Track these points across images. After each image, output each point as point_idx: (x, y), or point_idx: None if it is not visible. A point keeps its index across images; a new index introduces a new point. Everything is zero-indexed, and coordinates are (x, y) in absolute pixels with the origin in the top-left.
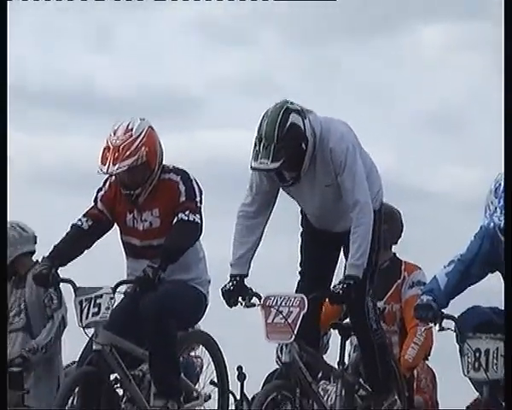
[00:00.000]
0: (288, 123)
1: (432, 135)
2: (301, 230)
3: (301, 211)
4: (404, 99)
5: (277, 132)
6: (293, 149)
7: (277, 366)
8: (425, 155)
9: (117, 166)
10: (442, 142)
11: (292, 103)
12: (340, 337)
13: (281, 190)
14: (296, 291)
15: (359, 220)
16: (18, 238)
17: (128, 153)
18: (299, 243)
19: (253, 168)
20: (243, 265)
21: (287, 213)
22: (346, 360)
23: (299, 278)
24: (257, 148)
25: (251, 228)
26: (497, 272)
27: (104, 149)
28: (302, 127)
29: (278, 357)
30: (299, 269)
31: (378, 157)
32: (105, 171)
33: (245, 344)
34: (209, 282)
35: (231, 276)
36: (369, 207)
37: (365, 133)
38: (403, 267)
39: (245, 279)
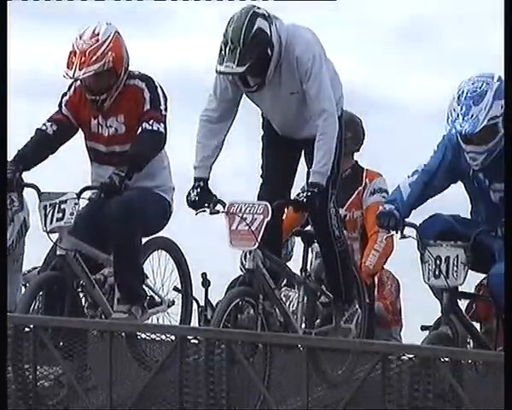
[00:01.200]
0: (255, 27)
1: (403, 47)
2: (262, 133)
3: (262, 114)
4: (376, 12)
5: (244, 36)
6: (258, 54)
7: (241, 273)
8: (394, 66)
9: (83, 70)
10: (412, 53)
11: (259, 8)
12: (302, 245)
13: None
14: (258, 197)
15: (324, 129)
16: None
17: (94, 58)
18: (261, 147)
19: (218, 72)
20: (206, 168)
21: (248, 119)
22: (309, 268)
23: (260, 182)
24: (222, 52)
25: (214, 132)
26: (460, 182)
27: (70, 53)
28: (268, 32)
29: (242, 264)
30: (261, 173)
31: (344, 67)
32: (71, 75)
33: (209, 251)
34: (173, 189)
35: (195, 179)
36: (335, 116)
37: (332, 43)
38: (364, 175)
39: (208, 183)
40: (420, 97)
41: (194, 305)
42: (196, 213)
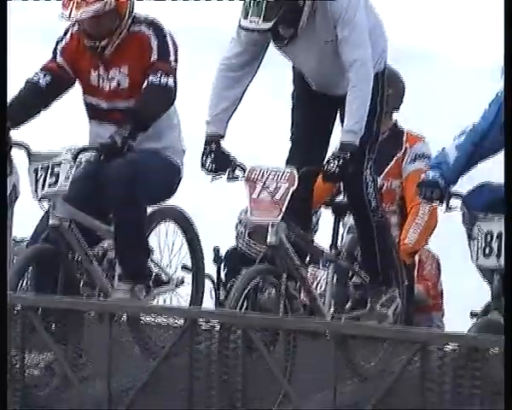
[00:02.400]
0: None
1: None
2: (293, 89)
3: (293, 67)
4: None
5: None
6: (288, 6)
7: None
8: (436, 16)
9: (81, 10)
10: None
11: None
12: (333, 217)
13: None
14: (287, 161)
15: (357, 80)
16: None
17: None
18: (291, 105)
19: (241, 27)
20: (222, 122)
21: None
22: (339, 244)
23: (290, 145)
24: (247, 2)
25: (234, 81)
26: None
27: None
28: None
29: (237, 235)
30: (291, 135)
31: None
32: (67, 16)
33: (223, 223)
34: (184, 152)
35: (208, 136)
36: (369, 67)
37: None
38: (404, 138)
39: (222, 144)
40: (469, 48)
41: (207, 284)
42: (212, 180)
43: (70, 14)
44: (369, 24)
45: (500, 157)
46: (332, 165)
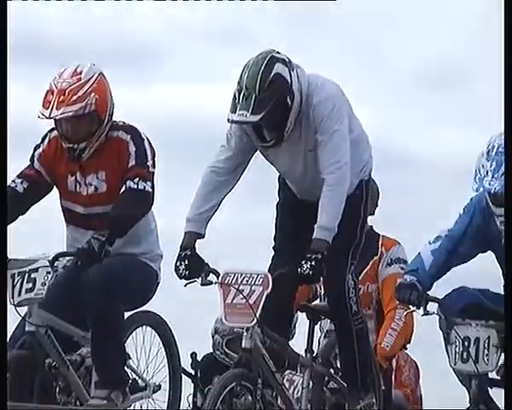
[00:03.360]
0: (273, 73)
1: (422, 94)
2: (277, 200)
3: (279, 178)
4: (393, 55)
5: (260, 82)
6: (276, 102)
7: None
8: (410, 116)
9: (61, 110)
10: (431, 102)
11: (278, 53)
12: (308, 322)
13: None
14: (269, 269)
15: (334, 182)
16: None
17: (75, 98)
18: (275, 216)
19: (230, 121)
20: (202, 222)
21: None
22: (315, 348)
23: (272, 254)
24: (236, 99)
25: (220, 185)
26: (490, 251)
27: (47, 92)
28: (288, 79)
29: (214, 344)
30: (274, 244)
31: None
32: (47, 115)
33: (200, 327)
34: (161, 257)
35: (186, 233)
36: (345, 171)
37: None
38: (380, 242)
39: (196, 250)
40: (444, 153)
41: (184, 390)
42: (186, 285)
43: (50, 114)
44: (354, 134)
45: (476, 259)
46: (305, 267)
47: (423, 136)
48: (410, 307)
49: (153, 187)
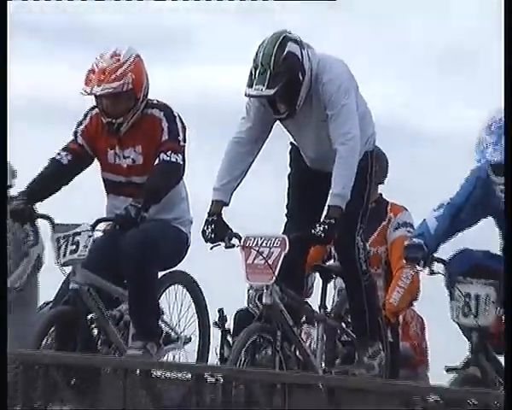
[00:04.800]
0: (286, 51)
1: (430, 74)
2: (289, 171)
3: (290, 152)
4: (405, 36)
5: (274, 59)
6: (289, 78)
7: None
8: (419, 95)
9: (101, 87)
10: (439, 82)
11: (290, 33)
12: (321, 280)
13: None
14: (283, 231)
15: (345, 152)
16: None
17: (114, 76)
18: (287, 186)
19: (247, 95)
20: (227, 192)
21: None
22: (329, 304)
23: (286, 220)
24: (252, 75)
25: (243, 155)
26: (490, 217)
27: (89, 71)
28: (300, 57)
29: (255, 299)
30: (286, 212)
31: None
32: (88, 91)
33: (227, 286)
34: (191, 222)
35: (213, 202)
36: (356, 141)
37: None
38: (389, 208)
39: (222, 216)
40: (443, 128)
41: (212, 342)
42: (211, 248)
43: (91, 90)
44: (359, 110)
45: (480, 224)
46: (318, 229)
47: (431, 113)
48: (417, 266)
49: (184, 159)
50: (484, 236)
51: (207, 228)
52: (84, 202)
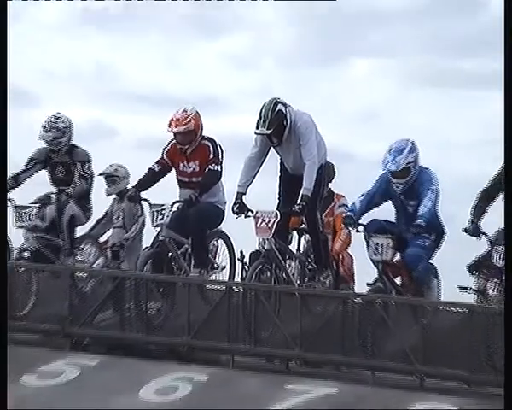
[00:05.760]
0: (277, 109)
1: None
2: (279, 174)
3: (280, 163)
4: None
5: (270, 114)
6: (278, 124)
7: (258, 249)
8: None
9: (177, 128)
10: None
11: (279, 99)
12: (297, 236)
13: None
14: (277, 208)
15: (310, 165)
16: (125, 175)
17: (183, 123)
18: (278, 183)
19: (256, 133)
20: (245, 186)
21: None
22: (302, 249)
23: (278, 202)
24: (258, 122)
25: (253, 166)
26: (390, 201)
27: (171, 119)
28: (284, 112)
29: (261, 245)
30: (278, 197)
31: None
32: (170, 130)
33: (244, 238)
34: (225, 203)
35: (238, 193)
36: (316, 158)
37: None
38: (334, 196)
39: (243, 199)
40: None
41: (237, 270)
42: (237, 217)
43: (172, 130)
44: (317, 140)
45: (385, 205)
46: (296, 208)
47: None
48: (349, 228)
49: (221, 168)
50: (385, 210)
51: (234, 206)
52: (164, 192)
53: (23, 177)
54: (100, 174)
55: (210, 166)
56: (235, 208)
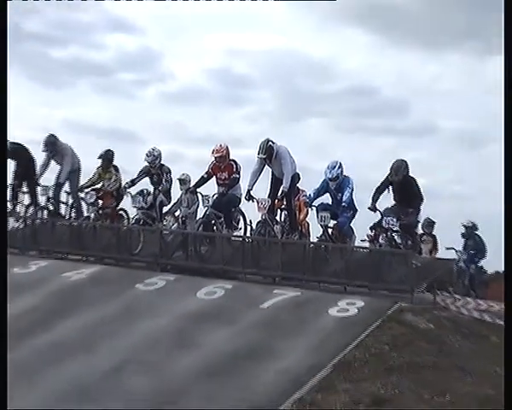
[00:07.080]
0: (268, 144)
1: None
2: (270, 178)
3: (271, 173)
4: None
5: (265, 146)
6: (269, 153)
7: (260, 219)
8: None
9: (216, 156)
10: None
11: (270, 139)
12: (280, 212)
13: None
14: (268, 196)
15: (287, 174)
16: (189, 179)
17: (220, 151)
18: (269, 183)
19: (257, 156)
20: (251, 186)
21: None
22: (282, 219)
23: (269, 193)
24: (258, 152)
25: (255, 176)
26: (327, 194)
27: (212, 149)
28: (273, 146)
29: (261, 217)
30: (268, 192)
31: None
32: (213, 155)
33: (252, 213)
34: (241, 194)
35: (247, 191)
36: (290, 172)
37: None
38: (300, 190)
39: (251, 192)
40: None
41: (248, 228)
42: (248, 201)
43: (214, 154)
44: (290, 160)
45: (326, 196)
46: (279, 197)
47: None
48: (308, 208)
49: (239, 176)
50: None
51: (246, 196)
52: (207, 188)
53: (136, 181)
54: (177, 179)
55: (233, 175)
56: (246, 197)
